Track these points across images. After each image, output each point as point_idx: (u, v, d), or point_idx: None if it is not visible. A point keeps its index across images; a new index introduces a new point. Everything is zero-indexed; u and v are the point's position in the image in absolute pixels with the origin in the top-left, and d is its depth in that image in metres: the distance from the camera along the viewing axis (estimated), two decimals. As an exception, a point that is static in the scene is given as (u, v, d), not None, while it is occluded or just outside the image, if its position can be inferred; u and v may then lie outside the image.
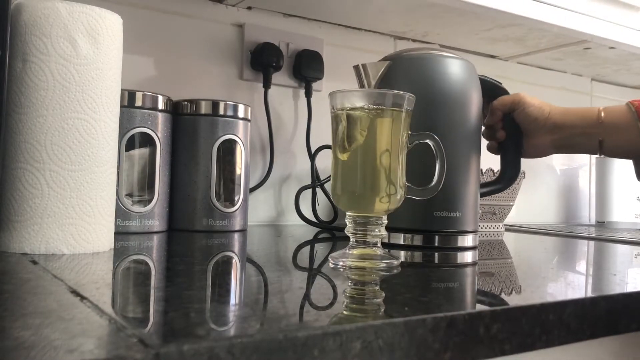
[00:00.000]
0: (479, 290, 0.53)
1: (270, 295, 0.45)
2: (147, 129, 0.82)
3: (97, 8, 0.58)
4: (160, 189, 0.83)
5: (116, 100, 0.61)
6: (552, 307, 0.43)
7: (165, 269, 0.56)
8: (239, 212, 0.90)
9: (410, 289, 0.49)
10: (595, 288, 0.59)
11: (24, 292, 0.40)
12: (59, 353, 0.27)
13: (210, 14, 1.07)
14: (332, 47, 1.19)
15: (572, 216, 1.64)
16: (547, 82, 1.55)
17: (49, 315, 0.33)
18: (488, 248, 0.87)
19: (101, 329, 0.31)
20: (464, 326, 0.38)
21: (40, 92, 0.56)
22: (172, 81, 1.03)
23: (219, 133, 0.88)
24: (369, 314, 0.40)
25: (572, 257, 0.88)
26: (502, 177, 0.86)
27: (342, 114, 0.59)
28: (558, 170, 1.62)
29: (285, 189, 1.16)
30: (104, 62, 0.59)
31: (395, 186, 0.58)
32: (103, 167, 0.59)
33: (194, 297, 0.41)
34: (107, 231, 0.60)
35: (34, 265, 0.50)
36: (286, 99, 1.16)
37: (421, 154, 0.61)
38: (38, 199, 0.55)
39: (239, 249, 0.75)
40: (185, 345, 0.28)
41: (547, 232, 1.20)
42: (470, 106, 0.75)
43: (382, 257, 0.58)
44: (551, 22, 1.09)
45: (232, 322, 0.35)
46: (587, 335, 0.45)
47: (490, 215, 1.20)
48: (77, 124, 0.57)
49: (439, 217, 0.73)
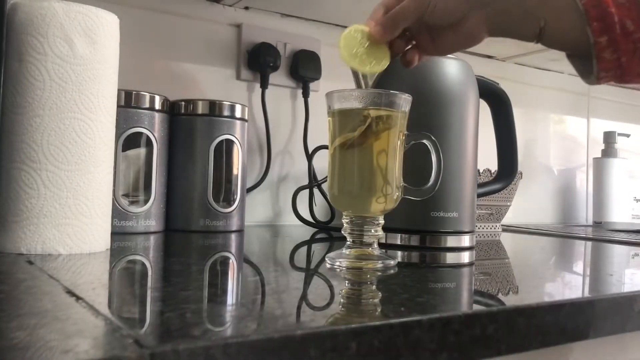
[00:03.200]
0: (476, 290, 0.53)
1: (266, 295, 0.45)
2: (144, 129, 0.82)
3: (93, 8, 0.58)
4: (157, 189, 0.83)
5: (113, 101, 0.61)
6: (548, 308, 0.43)
7: (162, 270, 0.56)
8: (236, 213, 0.90)
9: (407, 290, 0.49)
10: (592, 288, 0.59)
11: (20, 292, 0.40)
12: (55, 354, 0.26)
13: (208, 14, 1.07)
14: (330, 47, 1.19)
15: (569, 216, 1.64)
16: (544, 83, 1.55)
17: (45, 316, 0.33)
18: (485, 248, 0.87)
19: (97, 330, 0.31)
20: (461, 327, 0.38)
21: (36, 92, 0.55)
22: (169, 81, 1.03)
23: (216, 133, 0.88)
24: (366, 314, 0.40)
25: (568, 257, 0.88)
26: (499, 178, 0.86)
27: (339, 114, 0.59)
28: (555, 170, 1.62)
29: (282, 189, 1.16)
30: (100, 62, 0.58)
31: (392, 186, 0.58)
32: (100, 167, 0.59)
33: (191, 298, 0.41)
34: (104, 231, 0.60)
35: (30, 266, 0.50)
36: (283, 99, 1.16)
37: (418, 154, 0.61)
38: (34, 199, 0.55)
39: (236, 249, 0.75)
40: (181, 345, 0.28)
41: (544, 232, 1.20)
42: (467, 106, 0.75)
43: (378, 257, 0.58)
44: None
45: (228, 322, 0.35)
46: (583, 335, 0.46)
47: (487, 216, 1.20)
48: (73, 124, 0.56)
49: (435, 217, 0.73)
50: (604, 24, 0.53)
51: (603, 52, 0.54)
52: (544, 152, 1.59)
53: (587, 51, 0.55)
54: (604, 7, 0.53)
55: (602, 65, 0.55)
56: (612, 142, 1.56)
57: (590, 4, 0.53)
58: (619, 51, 0.54)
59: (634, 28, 0.53)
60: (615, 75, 0.56)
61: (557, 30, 0.56)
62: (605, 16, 0.53)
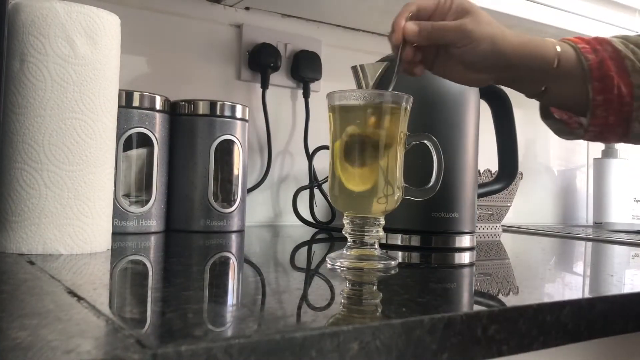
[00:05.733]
0: (477, 291, 0.53)
1: (267, 296, 0.45)
2: (145, 129, 0.82)
3: (94, 8, 0.58)
4: (158, 190, 0.83)
5: (114, 101, 0.61)
6: (549, 308, 0.43)
7: (163, 270, 0.56)
8: (237, 213, 0.90)
9: (408, 290, 0.49)
10: (593, 289, 0.59)
11: (22, 292, 0.40)
12: (56, 354, 0.27)
13: (208, 14, 1.07)
14: (330, 47, 1.19)
15: (569, 217, 1.64)
16: (544, 83, 1.55)
17: (46, 316, 0.33)
18: (485, 249, 0.87)
19: (98, 330, 0.31)
20: (462, 327, 0.38)
21: (38, 92, 0.56)
22: (169, 81, 1.03)
23: (217, 133, 0.88)
24: (367, 314, 0.40)
25: (569, 258, 0.88)
26: (499, 178, 0.86)
27: (339, 115, 0.59)
28: (555, 171, 1.62)
29: (283, 189, 1.16)
30: (101, 62, 0.59)
31: (392, 187, 0.58)
32: (100, 167, 0.59)
33: (192, 298, 0.41)
34: (105, 232, 0.60)
35: (32, 266, 0.50)
36: (284, 99, 1.16)
37: (419, 155, 0.61)
38: (35, 199, 0.55)
39: (236, 249, 0.75)
40: (183, 345, 0.28)
41: (545, 233, 1.20)
42: (468, 107, 0.75)
43: (379, 257, 0.58)
44: (549, 23, 1.09)
45: (229, 322, 0.35)
46: (584, 336, 0.46)
47: (487, 216, 1.20)
48: (74, 124, 0.57)
49: (436, 217, 0.73)
50: (603, 85, 0.59)
51: (597, 109, 0.60)
52: (544, 152, 1.59)
53: (580, 110, 0.62)
54: (605, 70, 0.60)
55: (593, 121, 0.61)
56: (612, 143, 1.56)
57: (595, 66, 0.60)
58: (609, 110, 0.60)
59: (626, 92, 0.59)
60: (600, 132, 0.62)
61: (559, 91, 0.62)
62: (605, 78, 0.59)
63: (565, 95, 0.62)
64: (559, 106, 0.67)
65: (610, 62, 0.60)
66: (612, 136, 0.63)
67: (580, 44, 0.62)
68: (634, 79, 0.60)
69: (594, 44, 0.62)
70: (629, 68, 0.60)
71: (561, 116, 0.69)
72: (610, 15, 1.17)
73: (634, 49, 0.61)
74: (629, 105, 0.60)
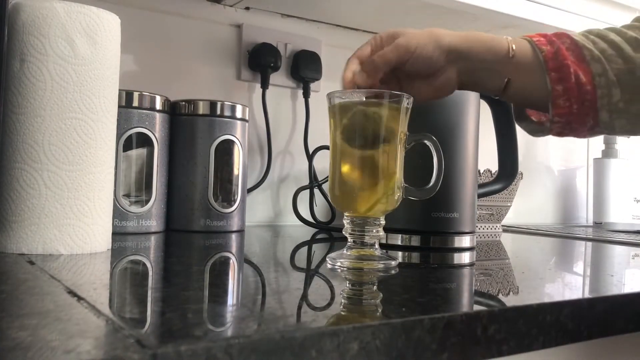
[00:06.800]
0: (477, 291, 0.53)
1: (267, 295, 0.45)
2: (145, 129, 0.82)
3: (94, 8, 0.58)
4: (158, 190, 0.83)
5: (114, 101, 0.61)
6: (549, 308, 0.43)
7: (163, 270, 0.56)
8: (237, 213, 0.90)
9: (408, 290, 0.49)
10: (593, 289, 0.59)
11: (21, 292, 0.40)
12: (56, 354, 0.27)
13: (208, 14, 1.07)
14: (330, 47, 1.19)
15: (569, 217, 1.64)
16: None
17: (46, 316, 0.33)
18: (485, 249, 0.87)
19: (98, 330, 0.31)
20: (462, 327, 0.38)
21: (38, 93, 0.56)
22: (169, 81, 1.03)
23: (217, 133, 0.88)
24: (367, 314, 0.40)
25: (569, 258, 0.88)
26: (499, 178, 0.86)
27: (340, 115, 0.59)
28: (555, 171, 1.62)
29: (283, 189, 1.16)
30: (101, 62, 0.59)
31: (393, 187, 0.58)
32: (100, 167, 0.59)
33: (192, 298, 0.41)
34: (105, 231, 0.60)
35: (32, 266, 0.50)
36: (284, 99, 1.16)
37: (419, 155, 0.61)
38: (35, 199, 0.55)
39: (236, 249, 0.75)
40: (183, 345, 0.28)
41: (545, 233, 1.20)
42: (467, 107, 0.75)
43: (379, 257, 0.58)
44: (549, 23, 1.09)
45: (229, 322, 0.35)
46: (584, 336, 0.46)
47: (487, 216, 1.20)
48: (74, 124, 0.57)
49: (436, 218, 0.73)
50: (560, 74, 0.60)
51: (558, 99, 0.61)
52: (544, 152, 1.59)
53: (545, 104, 0.62)
54: (561, 59, 0.61)
55: (556, 111, 0.62)
56: (612, 143, 1.56)
57: (550, 56, 0.61)
58: (571, 99, 0.61)
59: (585, 80, 0.60)
60: (567, 122, 0.63)
61: (520, 85, 0.63)
62: (561, 67, 0.60)
63: (529, 89, 0.63)
64: (525, 102, 0.68)
65: (566, 52, 0.61)
66: (581, 127, 0.63)
67: (535, 38, 0.63)
68: (593, 67, 0.60)
69: (550, 37, 0.63)
70: (587, 57, 0.61)
71: (539, 118, 0.70)
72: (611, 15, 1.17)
73: (595, 39, 0.62)
74: (591, 93, 0.60)
